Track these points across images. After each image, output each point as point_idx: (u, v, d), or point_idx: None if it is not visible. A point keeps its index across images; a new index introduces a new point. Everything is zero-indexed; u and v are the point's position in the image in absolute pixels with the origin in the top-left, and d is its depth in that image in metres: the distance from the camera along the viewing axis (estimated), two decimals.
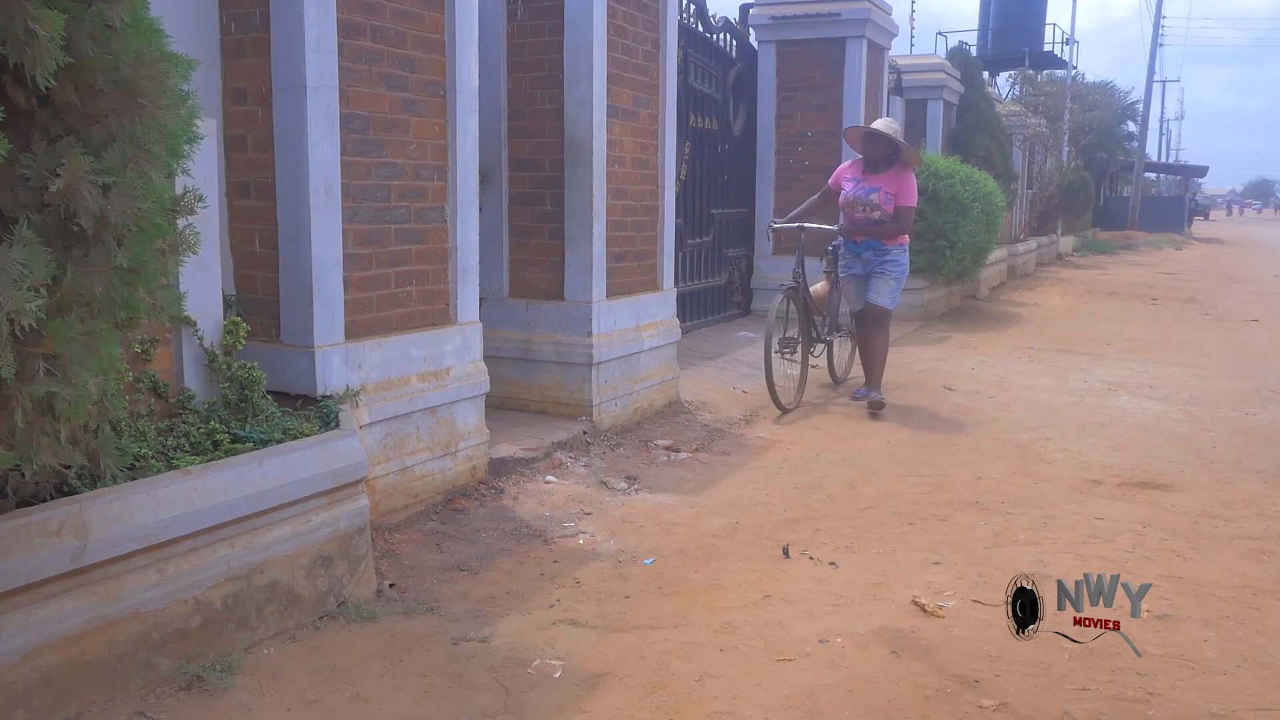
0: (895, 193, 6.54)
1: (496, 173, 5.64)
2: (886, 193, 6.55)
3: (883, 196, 6.55)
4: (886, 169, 6.64)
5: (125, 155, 2.12)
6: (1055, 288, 16.30)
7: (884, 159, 6.65)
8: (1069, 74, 27.89)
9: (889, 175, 6.61)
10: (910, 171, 6.66)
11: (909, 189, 6.60)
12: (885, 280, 6.72)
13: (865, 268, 6.76)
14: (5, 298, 1.85)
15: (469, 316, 4.53)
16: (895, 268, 6.72)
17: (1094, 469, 5.22)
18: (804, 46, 10.19)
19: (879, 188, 6.58)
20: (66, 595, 2.52)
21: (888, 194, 6.55)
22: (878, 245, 6.66)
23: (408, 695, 2.79)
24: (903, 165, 6.64)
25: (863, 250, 6.73)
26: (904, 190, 6.58)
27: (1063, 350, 9.42)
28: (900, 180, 6.59)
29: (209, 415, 3.35)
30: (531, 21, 5.52)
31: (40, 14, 1.88)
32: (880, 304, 6.73)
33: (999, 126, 15.71)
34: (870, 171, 6.69)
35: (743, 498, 4.67)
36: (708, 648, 3.11)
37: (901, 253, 6.74)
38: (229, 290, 3.79)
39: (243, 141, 3.81)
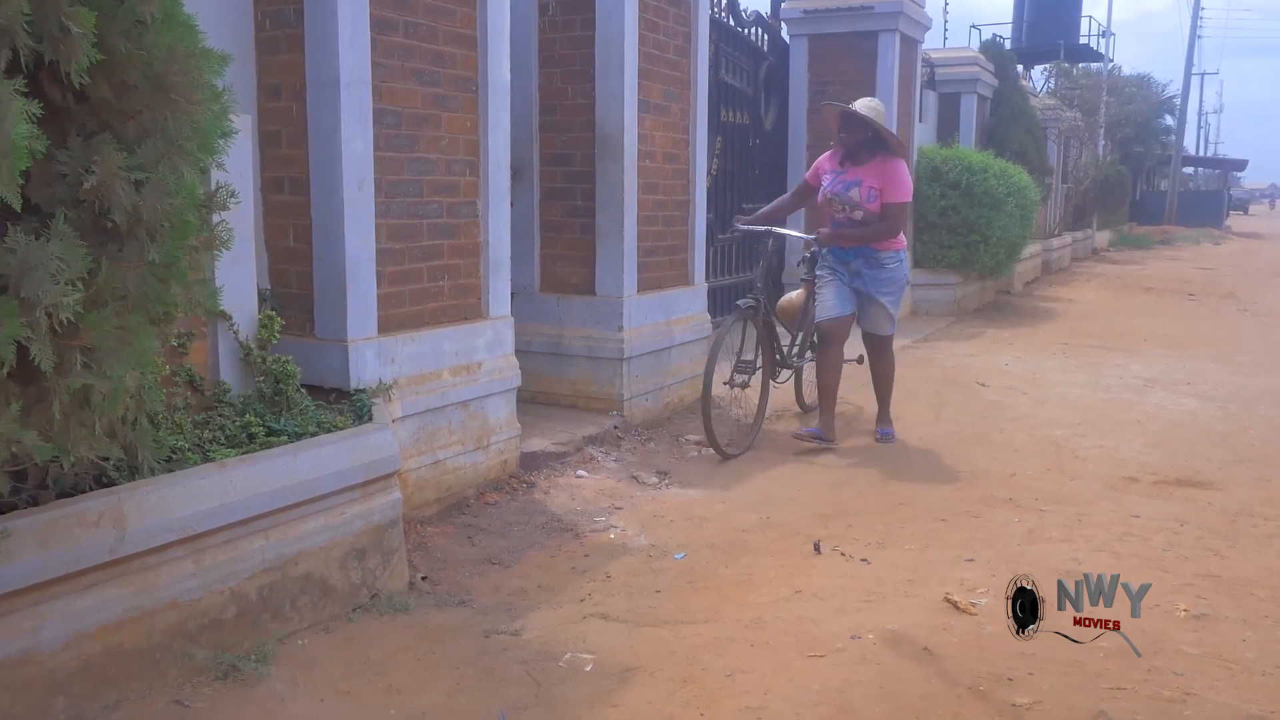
0: (880, 187, 5.35)
1: (528, 167, 5.66)
2: (870, 187, 5.36)
3: (865, 192, 5.36)
4: (869, 158, 5.42)
5: (158, 151, 2.13)
6: (1090, 283, 16.13)
7: (866, 146, 5.43)
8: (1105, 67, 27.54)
9: (872, 166, 5.40)
10: (899, 160, 5.44)
11: (898, 181, 5.38)
12: (882, 309, 5.56)
13: (854, 280, 5.51)
14: (44, 291, 1.88)
15: (500, 311, 4.54)
16: (892, 286, 5.53)
17: (1130, 466, 5.16)
18: (836, 40, 10.13)
19: (860, 181, 5.39)
20: (105, 585, 2.55)
21: (871, 189, 5.36)
22: (870, 253, 5.45)
23: (439, 687, 2.81)
24: (889, 153, 5.41)
25: (851, 257, 5.49)
26: (892, 183, 5.36)
27: (1098, 346, 9.32)
28: (886, 171, 5.37)
29: (244, 408, 3.38)
30: (563, 16, 5.53)
31: (74, 11, 1.90)
32: (881, 333, 5.67)
33: (1033, 120, 15.54)
34: (851, 162, 5.48)
35: (774, 493, 4.66)
36: (738, 643, 3.11)
37: (898, 263, 5.52)
38: (263, 285, 3.82)
39: (277, 137, 3.84)
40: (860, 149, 5.42)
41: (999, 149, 13.02)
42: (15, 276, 1.87)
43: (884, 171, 5.36)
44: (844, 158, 5.50)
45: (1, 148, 1.74)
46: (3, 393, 1.95)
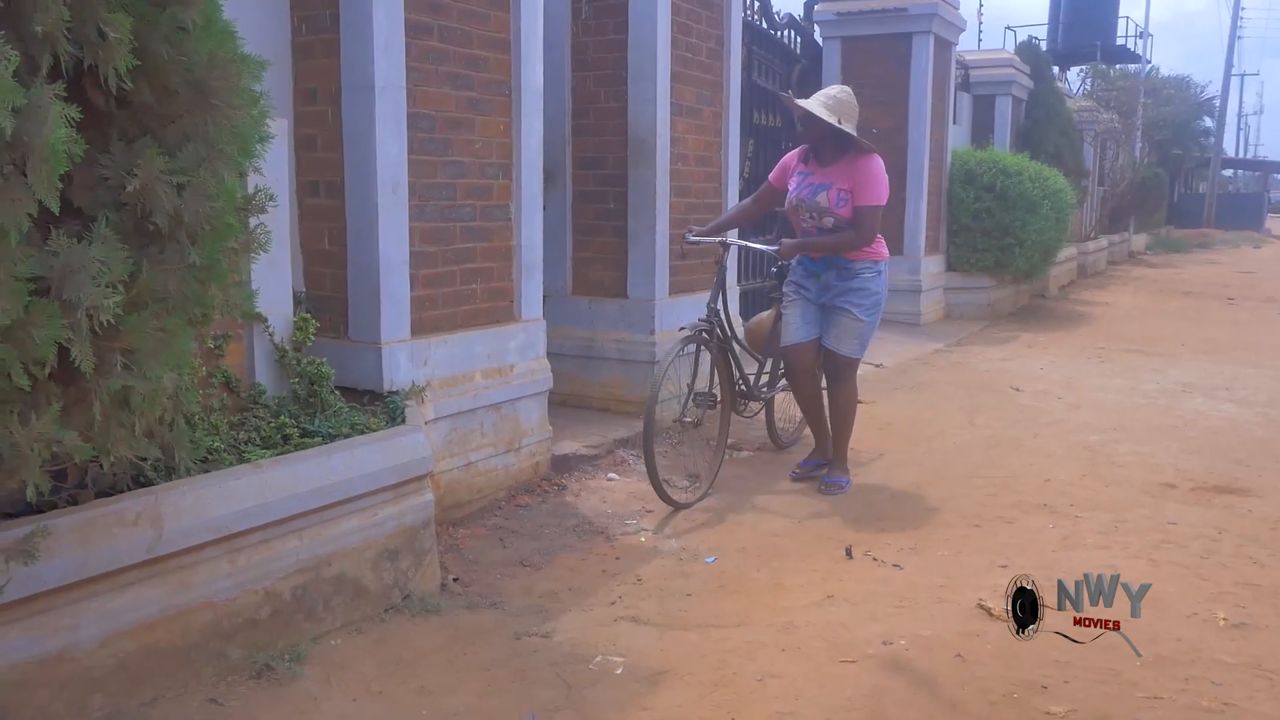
0: (851, 188, 4.56)
1: (561, 171, 5.67)
2: (840, 190, 4.57)
3: (834, 196, 4.57)
4: (838, 157, 4.64)
5: (199, 155, 2.16)
6: (1127, 287, 15.94)
7: (832, 142, 4.65)
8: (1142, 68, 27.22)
9: (842, 166, 4.61)
10: (873, 156, 4.64)
11: (871, 182, 4.58)
12: (850, 320, 4.66)
13: (823, 294, 4.71)
14: (85, 294, 1.90)
15: (533, 314, 4.56)
16: (865, 298, 4.66)
17: (1167, 472, 5.10)
18: (869, 42, 10.08)
19: (829, 184, 4.60)
20: (142, 584, 2.58)
21: (841, 191, 4.57)
22: (842, 263, 4.65)
23: (471, 688, 2.82)
24: (861, 150, 4.63)
25: (821, 269, 4.71)
26: (864, 184, 4.57)
27: (1135, 351, 9.21)
28: (858, 171, 4.58)
29: (279, 410, 3.41)
30: (596, 20, 5.54)
31: (111, 16, 1.92)
32: (843, 353, 4.71)
33: (1069, 122, 15.39)
34: (818, 161, 4.70)
35: (805, 497, 4.64)
36: (769, 647, 3.10)
37: (875, 274, 4.69)
38: (298, 287, 3.85)
39: (312, 141, 3.87)
40: (825, 146, 4.65)
41: (1034, 151, 12.90)
42: (57, 279, 1.90)
43: (855, 171, 4.57)
44: (809, 156, 4.74)
45: (41, 152, 1.77)
46: (44, 393, 1.97)
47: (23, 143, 1.76)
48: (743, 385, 4.96)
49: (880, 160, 4.65)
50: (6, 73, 1.70)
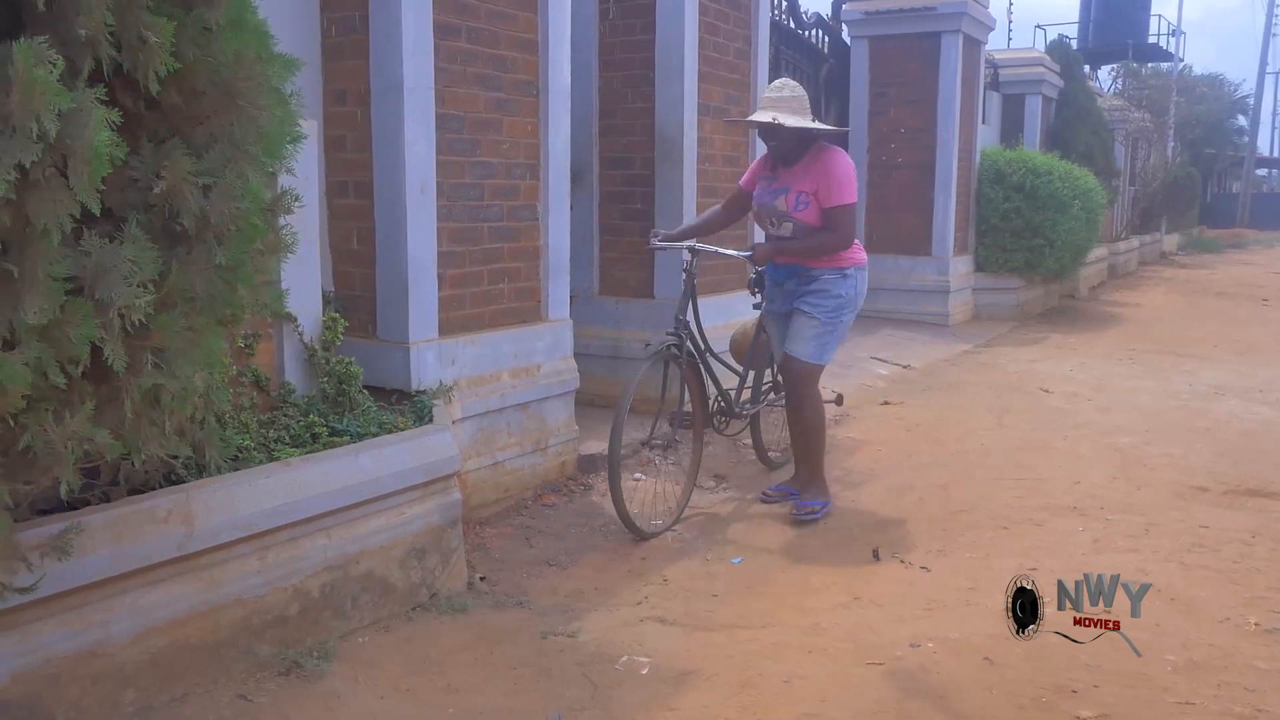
0: (814, 190, 4.17)
1: (588, 171, 5.68)
2: (800, 193, 4.19)
3: (791, 200, 4.21)
4: (799, 157, 4.25)
5: (225, 156, 2.18)
6: (1158, 287, 15.78)
7: (794, 145, 4.24)
8: (1175, 66, 26.95)
9: (801, 167, 4.23)
10: (835, 154, 4.22)
11: (837, 179, 4.15)
12: (804, 319, 4.27)
13: (786, 302, 4.42)
14: (117, 293, 1.92)
15: (560, 314, 4.57)
16: (824, 299, 4.25)
17: (1199, 475, 5.04)
18: (898, 42, 10.03)
19: (787, 188, 4.24)
20: (173, 580, 2.61)
21: (802, 195, 4.18)
22: (803, 270, 4.30)
23: (497, 687, 2.83)
24: (821, 147, 4.25)
25: (784, 277, 4.42)
26: (829, 184, 4.15)
27: (1166, 352, 9.11)
28: (820, 169, 4.18)
29: (308, 409, 3.43)
30: (623, 20, 5.54)
31: (152, 21, 1.94)
32: (798, 355, 4.28)
33: (1100, 121, 15.25)
34: (783, 165, 4.32)
35: (832, 498, 4.62)
36: (796, 649, 3.09)
37: (836, 277, 4.26)
38: (327, 287, 3.88)
39: (342, 142, 3.90)
40: (789, 150, 4.25)
41: (1064, 151, 12.81)
42: (90, 279, 1.92)
43: (816, 171, 4.18)
44: (774, 161, 4.36)
45: (84, 155, 1.79)
46: (77, 392, 2.00)
47: (65, 145, 1.78)
48: (722, 402, 4.61)
49: (844, 155, 4.24)
50: (52, 76, 1.73)
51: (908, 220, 10.01)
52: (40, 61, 1.73)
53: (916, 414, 6.41)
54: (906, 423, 6.16)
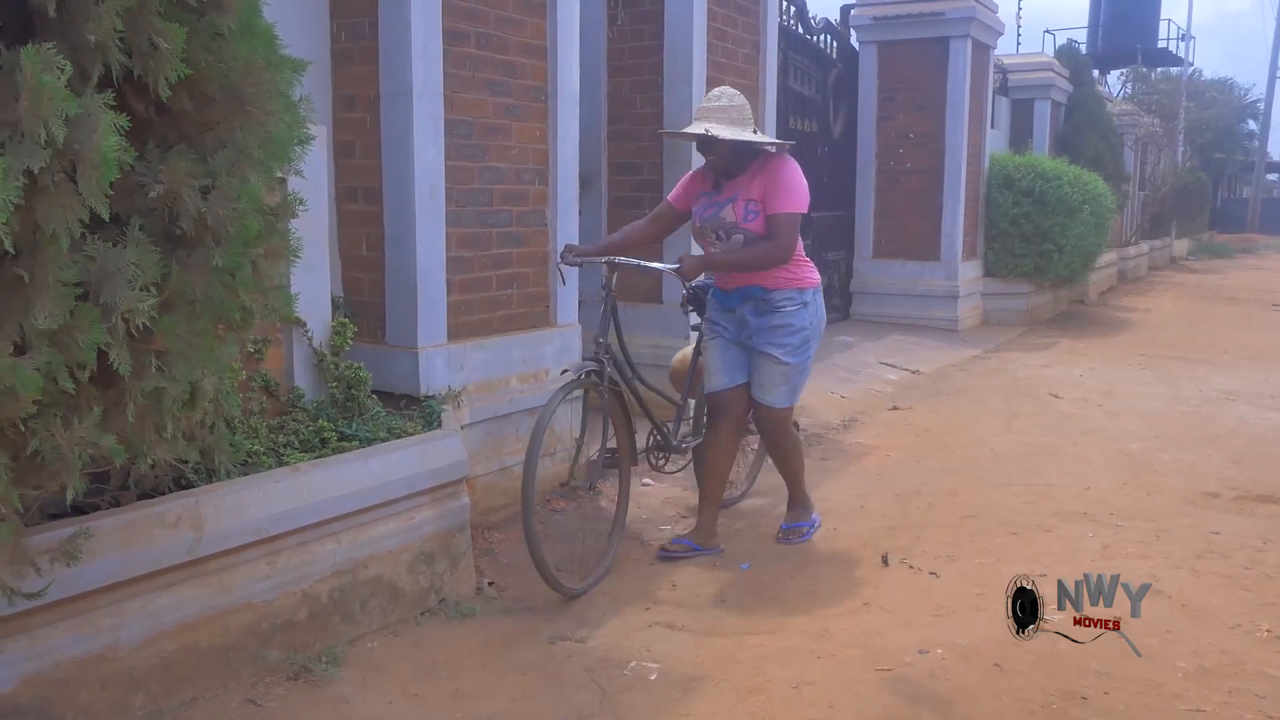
0: (762, 197, 3.80)
1: (596, 176, 5.69)
2: (749, 201, 3.81)
3: (740, 208, 3.82)
4: (744, 167, 3.86)
5: (229, 160, 2.18)
6: (1168, 292, 15.73)
7: (736, 156, 3.86)
8: (1184, 71, 26.89)
9: (748, 175, 3.85)
10: (784, 160, 3.86)
11: (784, 187, 3.78)
12: (772, 365, 3.88)
13: (740, 332, 3.96)
14: (121, 297, 1.93)
15: (568, 319, 4.57)
16: (788, 336, 3.86)
17: (1209, 481, 5.02)
18: (906, 47, 10.02)
19: (734, 197, 3.85)
20: (183, 585, 2.62)
21: (751, 203, 3.81)
22: (758, 294, 3.87)
23: (506, 692, 2.83)
24: (771, 154, 3.90)
25: (736, 302, 3.95)
26: (775, 189, 3.78)
27: (1176, 358, 9.08)
28: (768, 176, 3.82)
29: (317, 414, 3.44)
30: (632, 26, 5.55)
31: (164, 27, 1.95)
32: (771, 404, 3.94)
33: (1109, 126, 15.21)
34: (725, 177, 3.91)
35: (841, 504, 4.61)
36: (804, 654, 3.08)
37: (798, 306, 3.87)
38: (337, 292, 3.89)
39: (351, 147, 3.91)
40: (731, 164, 3.87)
41: (1074, 156, 12.78)
42: (95, 283, 1.93)
43: (765, 175, 3.82)
44: (716, 174, 3.94)
45: (92, 160, 1.80)
46: (85, 397, 2.00)
47: (73, 150, 1.79)
48: (657, 435, 4.14)
49: (794, 163, 3.88)
50: (59, 82, 1.74)
51: (916, 225, 10.00)
52: (48, 67, 1.74)
53: (925, 419, 6.39)
54: (915, 428, 6.15)
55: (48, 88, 1.72)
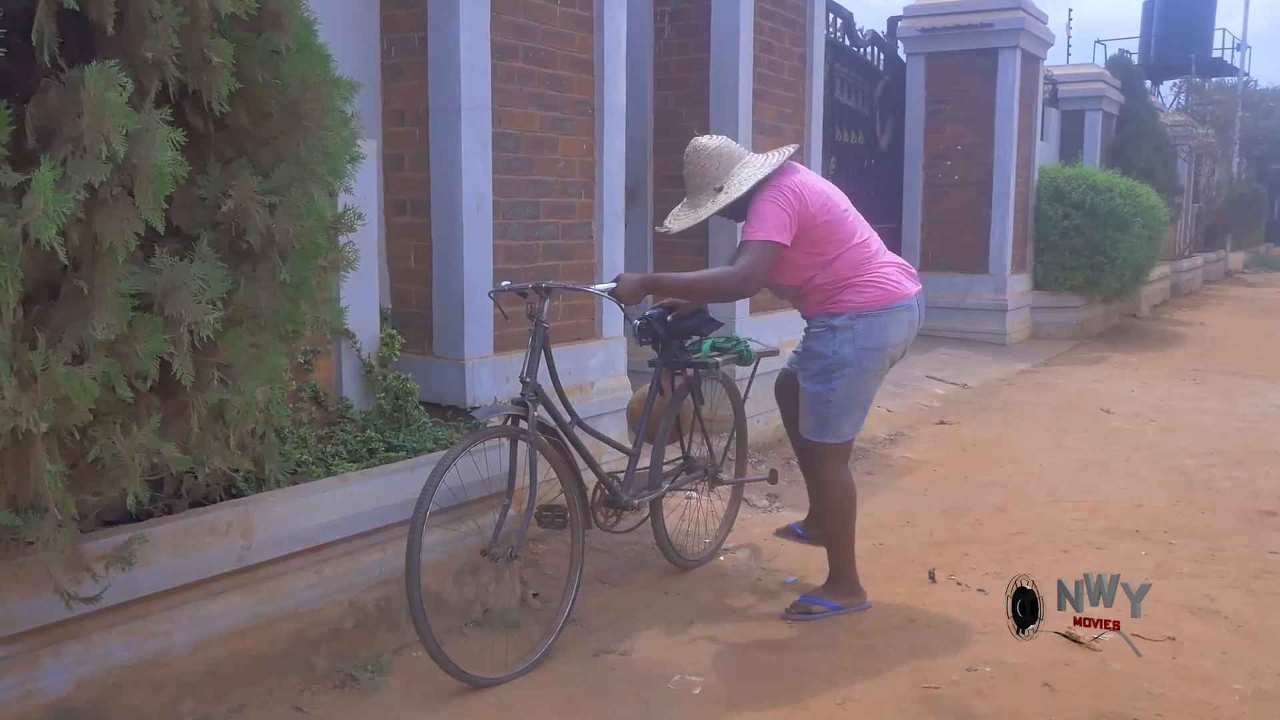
0: None
1: (642, 189, 5.70)
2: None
3: None
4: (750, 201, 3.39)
5: (290, 175, 2.22)
6: (1223, 306, 15.44)
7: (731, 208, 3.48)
8: (1240, 81, 26.42)
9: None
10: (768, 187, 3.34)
11: (753, 213, 3.32)
12: (800, 390, 3.48)
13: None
14: (186, 310, 1.97)
15: (613, 331, 4.58)
16: (810, 361, 3.42)
17: (1266, 499, 4.91)
18: (954, 58, 9.96)
19: None
20: (232, 592, 2.65)
21: None
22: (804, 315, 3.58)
23: (549, 705, 2.83)
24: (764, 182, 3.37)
25: None
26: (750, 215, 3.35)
27: (1231, 373, 8.90)
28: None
29: (365, 424, 3.47)
30: (678, 39, 5.56)
31: (214, 42, 2.00)
32: (808, 437, 3.49)
33: (1162, 137, 15.01)
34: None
35: (887, 519, 4.57)
36: (850, 670, 3.05)
37: (825, 329, 3.40)
38: (385, 304, 3.93)
39: (400, 161, 3.95)
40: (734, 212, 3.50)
41: (1125, 167, 12.61)
42: (160, 295, 1.97)
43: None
44: None
45: (148, 174, 1.84)
46: (144, 406, 2.04)
47: (131, 165, 1.83)
48: (605, 490, 3.54)
49: (779, 188, 3.34)
50: (121, 99, 1.78)
51: (964, 238, 9.92)
52: (111, 84, 1.78)
53: (973, 434, 6.32)
54: (963, 443, 6.08)
55: (110, 104, 1.76)
